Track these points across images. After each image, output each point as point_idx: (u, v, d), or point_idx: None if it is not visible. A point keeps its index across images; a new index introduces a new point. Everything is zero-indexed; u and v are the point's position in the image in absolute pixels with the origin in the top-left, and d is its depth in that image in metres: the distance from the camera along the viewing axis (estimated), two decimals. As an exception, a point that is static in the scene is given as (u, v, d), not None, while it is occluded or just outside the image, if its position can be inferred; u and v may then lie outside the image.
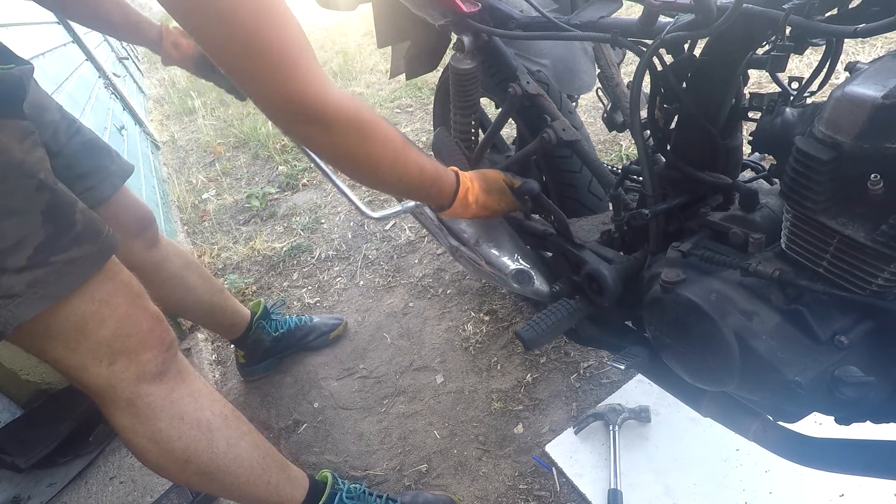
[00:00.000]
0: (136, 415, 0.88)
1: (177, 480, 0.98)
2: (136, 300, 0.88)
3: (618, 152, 2.27)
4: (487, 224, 1.21)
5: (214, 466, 0.95)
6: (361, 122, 0.78)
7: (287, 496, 1.07)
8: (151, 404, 0.89)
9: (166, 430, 0.90)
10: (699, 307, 0.76)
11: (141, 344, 0.87)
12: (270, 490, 1.04)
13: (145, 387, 0.88)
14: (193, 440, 0.93)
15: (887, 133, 0.56)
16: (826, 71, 0.75)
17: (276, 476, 1.05)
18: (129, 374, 0.86)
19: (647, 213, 0.89)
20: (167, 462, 0.93)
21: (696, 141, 0.85)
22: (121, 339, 0.85)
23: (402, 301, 1.91)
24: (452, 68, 1.17)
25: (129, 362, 0.86)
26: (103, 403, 0.88)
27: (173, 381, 0.92)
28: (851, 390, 0.65)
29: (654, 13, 0.78)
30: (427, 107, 3.14)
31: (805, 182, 0.64)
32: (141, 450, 0.91)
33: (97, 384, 0.85)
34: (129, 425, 0.89)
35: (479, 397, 1.51)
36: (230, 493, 1.01)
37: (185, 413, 0.92)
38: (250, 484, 1.00)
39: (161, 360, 0.90)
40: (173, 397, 0.92)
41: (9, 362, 1.54)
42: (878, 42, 2.39)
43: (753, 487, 1.13)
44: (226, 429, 0.98)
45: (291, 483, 1.08)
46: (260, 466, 1.02)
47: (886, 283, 0.62)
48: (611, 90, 1.26)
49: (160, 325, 0.91)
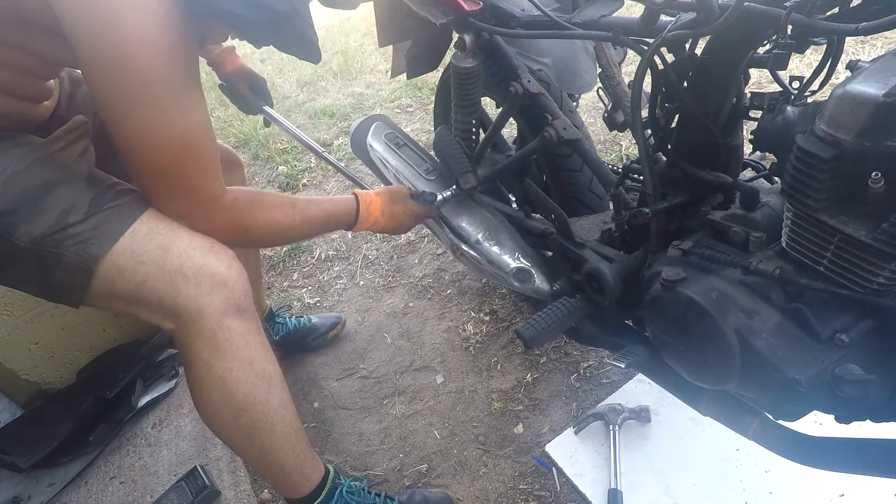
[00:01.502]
0: (217, 348, 0.90)
1: (224, 430, 0.98)
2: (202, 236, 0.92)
3: (618, 151, 2.27)
4: (488, 222, 1.22)
5: (263, 423, 0.97)
6: (245, 227, 0.96)
7: (307, 474, 1.07)
8: (231, 339, 0.91)
9: (237, 370, 0.92)
10: (700, 306, 0.76)
11: (225, 268, 0.90)
12: (297, 463, 1.04)
13: (229, 319, 0.90)
14: (255, 388, 0.94)
15: (888, 131, 0.56)
16: (827, 69, 0.75)
17: (304, 451, 1.05)
18: (217, 300, 0.89)
19: (647, 211, 0.89)
20: (225, 407, 0.94)
21: (696, 140, 0.85)
22: (202, 253, 0.89)
23: (402, 301, 1.91)
24: (454, 67, 1.17)
25: (215, 287, 0.89)
26: (188, 334, 0.89)
27: (252, 322, 0.94)
28: (852, 389, 0.65)
29: (655, 12, 0.78)
30: (427, 107, 3.14)
31: (806, 180, 0.64)
32: (209, 390, 0.93)
33: (188, 307, 0.87)
34: (207, 359, 0.90)
35: (479, 397, 1.51)
36: (262, 455, 1.00)
37: (255, 359, 0.94)
38: (283, 451, 1.01)
39: (244, 292, 0.92)
40: (249, 339, 0.93)
41: (9, 362, 1.54)
42: (879, 41, 2.39)
43: (753, 487, 1.13)
44: (281, 388, 0.99)
45: (313, 463, 1.09)
46: (296, 436, 1.03)
47: (887, 282, 0.62)
48: (612, 89, 1.26)
49: (236, 260, 0.93)
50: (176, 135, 0.81)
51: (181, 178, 0.86)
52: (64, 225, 0.83)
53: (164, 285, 0.86)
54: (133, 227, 0.86)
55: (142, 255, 0.85)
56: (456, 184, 1.24)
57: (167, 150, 0.82)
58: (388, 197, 1.18)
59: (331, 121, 3.23)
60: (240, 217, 0.95)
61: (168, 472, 1.38)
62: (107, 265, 0.84)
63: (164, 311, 0.89)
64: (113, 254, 0.84)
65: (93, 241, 0.84)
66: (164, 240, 0.87)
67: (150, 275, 0.86)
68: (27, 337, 1.55)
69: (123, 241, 0.85)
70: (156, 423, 1.52)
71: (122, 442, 1.49)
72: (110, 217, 0.85)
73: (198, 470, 1.31)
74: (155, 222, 0.88)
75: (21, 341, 1.54)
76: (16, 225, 0.81)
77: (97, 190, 0.87)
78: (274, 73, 4.27)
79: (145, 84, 0.75)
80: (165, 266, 0.86)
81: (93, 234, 0.84)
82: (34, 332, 1.56)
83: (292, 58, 1.09)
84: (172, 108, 0.80)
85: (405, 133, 1.42)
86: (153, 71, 0.75)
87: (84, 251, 0.83)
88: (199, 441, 1.42)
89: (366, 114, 3.20)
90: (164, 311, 0.89)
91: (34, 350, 1.57)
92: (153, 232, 0.87)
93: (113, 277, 0.86)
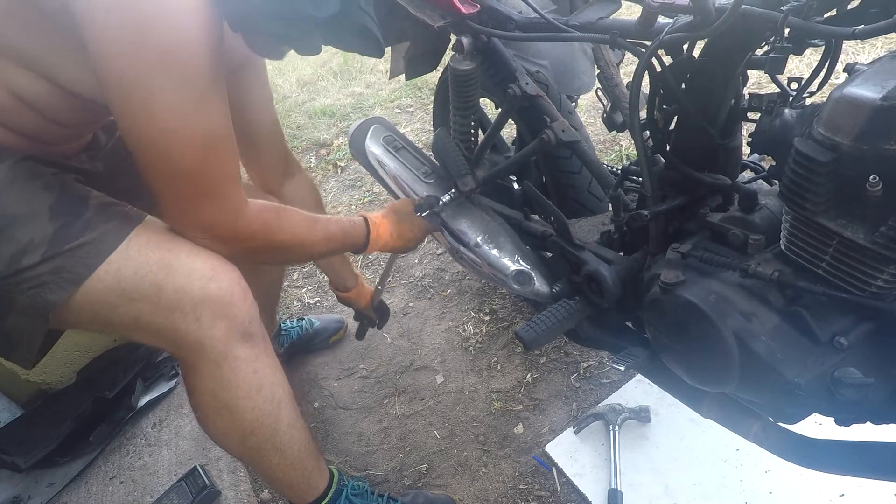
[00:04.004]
0: (221, 379, 0.88)
1: (231, 450, 0.99)
2: (198, 252, 0.86)
3: (617, 153, 2.27)
4: (487, 225, 1.21)
5: (272, 443, 0.96)
6: (270, 239, 0.91)
7: (314, 484, 1.08)
8: (236, 369, 0.89)
9: (244, 399, 0.91)
10: (699, 308, 0.76)
11: (228, 295, 0.86)
12: (305, 476, 1.05)
13: (234, 349, 0.88)
14: (263, 414, 0.93)
15: (886, 134, 0.56)
16: (825, 72, 0.75)
17: (311, 463, 1.06)
18: (219, 332, 0.86)
19: (646, 213, 0.89)
20: (233, 432, 0.93)
21: (695, 142, 0.85)
22: (201, 284, 0.84)
23: (402, 301, 1.91)
24: (452, 69, 1.16)
25: (217, 318, 0.85)
26: (191, 364, 0.88)
27: (259, 345, 0.92)
28: (851, 391, 0.65)
29: (652, 14, 0.78)
30: (427, 107, 3.13)
31: (804, 183, 0.64)
32: (214, 416, 0.92)
33: (188, 341, 0.85)
34: (212, 389, 0.89)
35: (479, 397, 1.51)
36: (271, 470, 1.01)
37: (263, 385, 0.93)
38: (292, 467, 1.01)
39: (249, 317, 0.89)
40: (256, 365, 0.91)
41: (9, 362, 1.54)
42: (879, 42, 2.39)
43: (753, 487, 1.13)
44: (290, 408, 0.99)
45: (320, 472, 1.09)
46: (304, 451, 1.03)
47: (886, 285, 0.62)
48: (610, 91, 1.26)
49: (240, 281, 0.89)
50: (202, 134, 0.76)
51: (206, 181, 0.79)
52: (17, 269, 0.76)
53: (161, 321, 0.83)
54: (112, 264, 0.80)
55: (132, 293, 0.81)
56: (455, 186, 1.24)
57: (192, 150, 0.75)
58: (395, 217, 1.15)
59: (331, 121, 3.23)
60: (265, 228, 0.90)
61: (168, 472, 1.38)
62: (72, 306, 0.79)
63: (164, 341, 0.86)
64: (85, 294, 0.79)
65: (50, 288, 0.78)
66: (157, 277, 0.82)
67: (145, 311, 0.82)
68: (27, 338, 1.55)
69: (106, 279, 0.79)
70: (156, 423, 1.52)
71: (122, 442, 1.50)
72: (69, 262, 0.78)
73: (198, 470, 1.31)
74: (145, 252, 0.82)
75: (21, 342, 1.54)
76: None
77: (61, 221, 0.79)
78: (274, 73, 4.26)
79: (185, 72, 0.70)
80: (160, 303, 0.82)
81: (52, 278, 0.78)
82: (34, 334, 1.56)
83: (291, 57, 1.08)
84: (201, 107, 0.74)
85: (403, 135, 1.41)
86: (191, 60, 0.70)
87: (41, 297, 0.77)
88: (199, 441, 1.43)
89: (366, 114, 3.20)
90: (164, 341, 0.86)
91: (34, 351, 1.57)
92: (144, 268, 0.81)
93: (97, 313, 0.82)
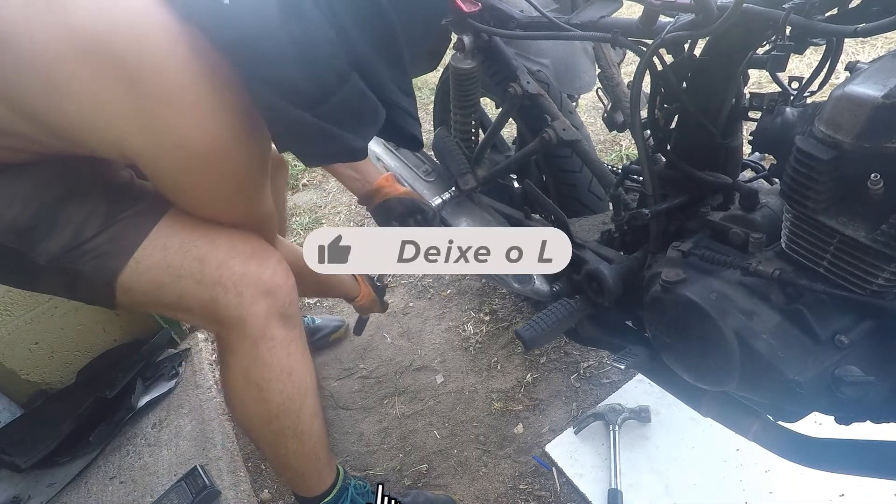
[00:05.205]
0: (257, 358, 0.89)
1: (253, 431, 0.99)
2: (239, 232, 0.90)
3: (618, 152, 2.27)
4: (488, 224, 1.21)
5: (293, 430, 0.97)
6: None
7: (324, 478, 1.08)
8: (272, 349, 0.90)
9: (275, 381, 0.91)
10: (699, 307, 0.76)
11: (270, 274, 0.88)
12: (318, 468, 1.06)
13: (272, 329, 0.89)
14: (290, 399, 0.94)
15: (887, 133, 0.56)
16: (826, 70, 0.75)
17: (324, 456, 1.06)
18: (260, 309, 0.87)
19: (647, 212, 0.89)
20: (259, 412, 0.94)
21: (696, 141, 0.85)
22: (243, 261, 0.86)
23: (402, 301, 1.91)
24: (453, 68, 1.17)
25: (259, 295, 0.87)
26: (229, 340, 0.89)
27: (295, 329, 0.94)
28: (851, 390, 0.65)
29: (654, 13, 0.78)
30: (427, 107, 3.13)
31: (805, 182, 0.63)
32: (243, 395, 0.93)
33: (229, 316, 0.86)
34: (246, 366, 0.90)
35: (479, 397, 1.51)
36: (287, 457, 1.01)
37: (294, 370, 0.94)
38: (307, 456, 1.02)
39: (290, 299, 0.91)
40: (291, 348, 0.93)
41: (9, 362, 1.54)
42: (880, 41, 2.39)
43: (753, 487, 1.13)
44: (314, 398, 0.99)
45: (330, 466, 1.10)
46: (320, 443, 1.04)
47: (887, 283, 0.62)
48: (611, 90, 1.27)
49: (282, 263, 0.91)
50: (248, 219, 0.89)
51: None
52: (81, 240, 0.80)
53: (204, 296, 0.85)
54: (160, 237, 0.84)
55: (178, 269, 0.84)
56: (455, 185, 1.24)
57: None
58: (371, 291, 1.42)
59: (331, 120, 3.23)
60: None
61: (168, 472, 1.38)
62: (130, 278, 0.83)
63: (206, 318, 0.88)
64: (134, 269, 0.82)
65: (109, 256, 0.82)
66: (201, 251, 0.85)
67: (189, 287, 0.84)
68: (27, 337, 1.55)
69: (154, 254, 0.83)
70: (156, 423, 1.52)
71: (122, 442, 1.49)
72: (125, 230, 0.83)
73: (198, 470, 1.31)
74: (188, 227, 0.86)
75: (21, 341, 1.54)
76: (35, 243, 0.79)
77: (113, 196, 0.84)
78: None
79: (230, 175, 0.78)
80: (203, 279, 0.84)
81: (110, 248, 0.82)
82: (34, 332, 1.56)
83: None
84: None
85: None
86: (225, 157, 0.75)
87: (105, 266, 0.81)
88: (199, 441, 1.43)
89: (366, 113, 3.20)
90: (206, 318, 0.88)
91: (34, 350, 1.57)
92: (188, 242, 0.85)
93: (146, 290, 0.84)
